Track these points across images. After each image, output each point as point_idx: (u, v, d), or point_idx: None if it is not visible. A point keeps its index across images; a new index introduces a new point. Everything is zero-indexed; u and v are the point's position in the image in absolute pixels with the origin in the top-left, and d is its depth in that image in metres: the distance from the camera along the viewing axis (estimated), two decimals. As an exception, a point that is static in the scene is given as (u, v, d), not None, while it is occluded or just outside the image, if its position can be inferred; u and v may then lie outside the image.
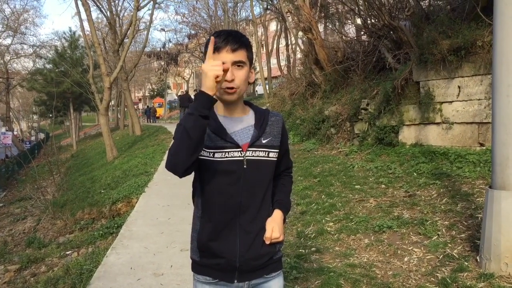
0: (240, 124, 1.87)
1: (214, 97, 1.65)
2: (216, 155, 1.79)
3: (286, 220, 1.99)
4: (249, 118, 1.90)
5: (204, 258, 1.86)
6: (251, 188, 1.83)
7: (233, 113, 1.88)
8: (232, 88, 1.77)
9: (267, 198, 1.90)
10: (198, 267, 1.89)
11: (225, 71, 1.66)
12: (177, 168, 1.68)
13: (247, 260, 1.82)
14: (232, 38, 1.77)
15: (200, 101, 1.64)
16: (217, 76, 1.62)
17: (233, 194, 1.81)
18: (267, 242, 1.85)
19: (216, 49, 1.74)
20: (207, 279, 1.86)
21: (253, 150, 1.83)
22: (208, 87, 1.63)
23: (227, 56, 1.75)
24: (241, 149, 1.81)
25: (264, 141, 1.86)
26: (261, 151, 1.85)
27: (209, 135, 1.78)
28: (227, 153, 1.79)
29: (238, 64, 1.78)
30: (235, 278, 1.84)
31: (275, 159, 1.90)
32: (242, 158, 1.81)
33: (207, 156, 1.79)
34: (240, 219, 1.83)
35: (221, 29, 29.07)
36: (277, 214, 1.92)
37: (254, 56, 2.06)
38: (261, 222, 1.87)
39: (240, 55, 1.78)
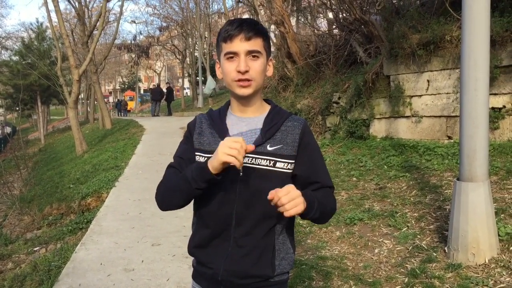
0: (247, 126, 1.68)
1: (216, 177, 1.50)
2: None
3: (309, 214, 1.57)
4: (260, 120, 1.68)
5: (198, 265, 1.75)
6: (248, 200, 1.61)
7: (245, 111, 1.69)
8: (246, 80, 1.59)
9: (271, 214, 1.59)
10: (194, 272, 1.79)
11: (248, 152, 1.48)
12: (160, 206, 1.72)
13: (231, 275, 1.64)
14: (246, 25, 1.59)
15: (201, 175, 1.52)
16: (228, 163, 1.45)
17: (226, 202, 1.63)
18: (270, 199, 1.45)
19: (229, 38, 1.59)
20: (199, 287, 1.77)
21: (253, 157, 1.61)
22: (213, 167, 1.48)
23: (241, 45, 1.58)
24: None
25: (270, 148, 1.62)
26: (264, 159, 1.62)
27: (209, 137, 1.66)
28: None
29: (253, 54, 1.60)
30: None
31: (288, 171, 1.64)
32: None
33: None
34: (234, 230, 1.64)
35: (193, 22, 28.77)
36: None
37: None
38: (257, 238, 1.64)
39: (256, 44, 1.60)
